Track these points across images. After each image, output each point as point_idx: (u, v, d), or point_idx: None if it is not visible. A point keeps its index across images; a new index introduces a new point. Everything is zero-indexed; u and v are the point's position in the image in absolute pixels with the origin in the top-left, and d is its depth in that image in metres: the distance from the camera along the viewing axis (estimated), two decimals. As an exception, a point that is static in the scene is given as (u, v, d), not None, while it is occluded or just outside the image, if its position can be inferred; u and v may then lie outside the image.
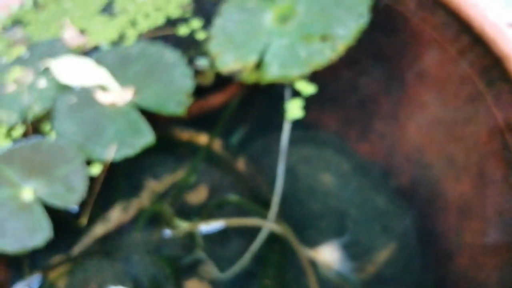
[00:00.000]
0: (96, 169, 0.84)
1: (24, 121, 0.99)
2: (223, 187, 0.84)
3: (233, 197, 0.79)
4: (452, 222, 0.74)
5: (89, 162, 0.86)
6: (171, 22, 1.07)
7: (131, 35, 1.07)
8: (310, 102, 0.86)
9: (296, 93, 0.85)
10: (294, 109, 0.81)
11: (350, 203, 0.80)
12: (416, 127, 0.83)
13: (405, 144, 0.83)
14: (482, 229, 0.70)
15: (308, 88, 0.81)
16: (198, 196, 0.82)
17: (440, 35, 0.86)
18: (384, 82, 0.89)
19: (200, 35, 1.00)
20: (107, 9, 1.19)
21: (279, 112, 0.85)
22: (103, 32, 1.11)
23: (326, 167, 0.84)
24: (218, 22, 0.99)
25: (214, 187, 0.83)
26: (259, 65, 0.87)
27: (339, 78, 0.89)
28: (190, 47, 1.00)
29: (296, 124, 0.85)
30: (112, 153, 0.84)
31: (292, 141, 0.84)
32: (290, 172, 0.82)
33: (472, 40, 0.80)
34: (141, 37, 1.07)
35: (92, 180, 0.84)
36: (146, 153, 0.86)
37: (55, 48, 1.13)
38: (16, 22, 1.30)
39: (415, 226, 0.76)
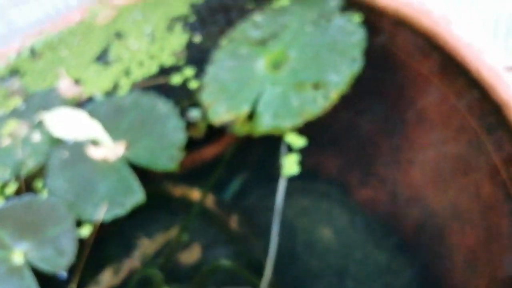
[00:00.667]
0: (86, 231, 0.81)
1: (17, 177, 0.97)
2: (217, 246, 0.80)
3: (225, 263, 0.76)
4: (459, 279, 0.69)
5: (79, 222, 0.83)
6: (165, 71, 1.06)
7: (125, 84, 1.06)
8: (307, 148, 0.83)
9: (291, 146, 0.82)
10: (289, 165, 0.78)
11: (351, 259, 0.75)
12: (418, 172, 0.80)
13: (407, 190, 0.79)
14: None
15: (298, 142, 0.78)
16: (191, 256, 0.79)
17: (437, 78, 0.82)
18: (382, 125, 0.86)
19: (193, 84, 0.98)
20: (102, 57, 1.19)
21: (274, 165, 0.82)
22: (98, 82, 1.10)
23: (325, 220, 0.80)
24: (211, 70, 0.97)
25: (207, 246, 0.80)
26: (251, 115, 0.85)
27: (336, 121, 0.86)
28: (183, 97, 0.98)
29: (294, 173, 0.82)
30: (102, 214, 0.81)
31: (289, 192, 0.81)
32: (287, 226, 0.79)
33: (469, 83, 0.77)
34: (134, 86, 1.05)
35: (82, 241, 0.81)
36: (139, 210, 0.84)
37: (50, 99, 1.12)
38: (14, 71, 1.30)
39: (418, 283, 0.71)
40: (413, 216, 0.76)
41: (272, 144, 0.83)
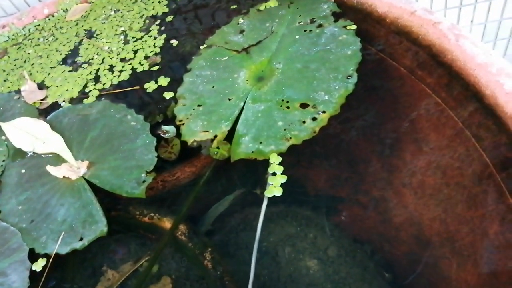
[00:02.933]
0: (40, 265, 0.71)
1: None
2: (189, 282, 0.71)
3: None
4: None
5: (33, 253, 0.73)
6: (137, 76, 0.95)
7: (93, 90, 0.95)
8: (293, 164, 0.73)
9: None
10: (273, 187, 0.68)
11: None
12: (412, 194, 0.71)
13: (401, 214, 0.70)
14: None
15: (279, 167, 0.69)
16: (161, 291, 0.70)
17: (442, 98, 0.73)
18: (375, 142, 0.76)
19: (167, 94, 0.88)
20: (71, 57, 1.07)
21: (255, 188, 0.73)
22: (64, 87, 0.99)
23: (311, 250, 0.71)
24: (187, 79, 0.87)
25: (179, 280, 0.71)
26: (230, 135, 0.75)
27: (326, 135, 0.76)
28: (156, 109, 0.88)
29: (278, 196, 0.72)
30: (57, 246, 0.71)
31: (273, 217, 0.72)
32: (270, 255, 0.70)
33: (480, 109, 0.68)
34: (103, 93, 0.95)
35: (35, 273, 0.71)
36: (104, 236, 0.74)
37: (11, 104, 1.01)
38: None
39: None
40: (407, 243, 0.67)
41: (253, 165, 0.74)
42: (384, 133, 0.76)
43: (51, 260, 0.72)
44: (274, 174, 0.69)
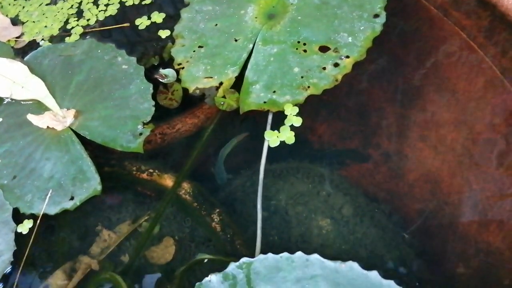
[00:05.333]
0: (26, 226, 0.64)
1: None
2: (195, 243, 0.65)
3: (207, 255, 0.61)
4: None
5: (17, 213, 0.65)
6: (126, 11, 0.84)
7: (76, 27, 0.84)
8: (302, 113, 0.65)
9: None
10: (286, 137, 0.60)
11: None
12: (432, 150, 0.64)
13: (416, 170, 0.63)
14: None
15: (297, 121, 0.61)
16: (163, 253, 0.64)
17: (478, 44, 0.64)
18: (395, 91, 0.69)
19: (163, 32, 0.77)
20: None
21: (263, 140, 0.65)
22: (41, 23, 0.87)
23: (324, 209, 0.65)
24: (185, 14, 0.76)
25: (182, 241, 0.64)
26: (238, 82, 0.66)
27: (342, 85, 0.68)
28: (150, 49, 0.77)
29: (289, 148, 0.66)
30: (44, 205, 0.63)
31: (283, 174, 0.66)
32: (279, 214, 0.64)
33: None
34: (88, 30, 0.83)
35: (23, 236, 0.64)
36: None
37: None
38: None
39: None
40: (424, 200, 0.62)
41: (264, 118, 0.65)
42: (404, 82, 0.68)
43: (38, 221, 0.64)
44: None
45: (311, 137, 0.68)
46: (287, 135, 0.62)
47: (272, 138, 0.62)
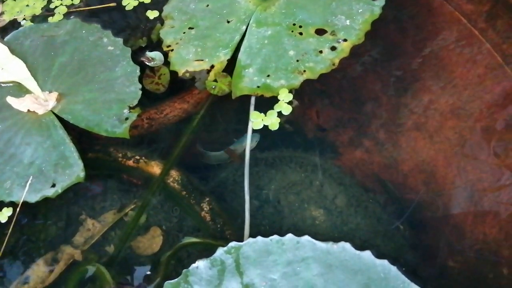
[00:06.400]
0: (5, 215, 0.61)
1: None
2: (183, 232, 0.62)
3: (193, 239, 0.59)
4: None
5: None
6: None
7: (60, 7, 0.80)
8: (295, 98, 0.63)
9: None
10: (271, 124, 0.58)
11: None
12: (427, 140, 0.63)
13: (410, 159, 0.62)
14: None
15: (287, 109, 0.59)
16: (150, 243, 0.61)
17: (479, 30, 0.62)
18: (391, 79, 0.67)
19: (151, 13, 0.74)
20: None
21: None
22: (22, 2, 0.83)
23: (317, 199, 0.63)
24: (175, -6, 0.72)
25: (170, 231, 0.62)
26: (231, 66, 0.63)
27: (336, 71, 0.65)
28: (137, 31, 0.74)
29: (282, 137, 0.65)
30: (24, 192, 0.60)
31: (275, 163, 0.64)
32: (271, 204, 0.62)
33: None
34: (72, 9, 0.79)
35: (1, 226, 0.61)
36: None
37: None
38: None
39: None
40: (417, 187, 0.61)
41: (260, 103, 0.63)
42: (400, 68, 0.65)
43: (18, 209, 0.61)
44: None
45: (305, 125, 0.66)
46: (271, 121, 0.60)
47: (257, 120, 0.59)
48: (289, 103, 0.60)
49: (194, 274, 0.50)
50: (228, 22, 0.66)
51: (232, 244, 0.51)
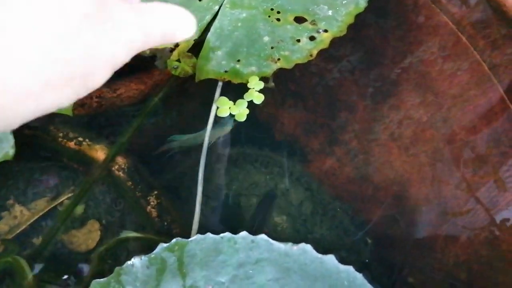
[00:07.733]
0: None
1: None
2: (125, 228, 0.55)
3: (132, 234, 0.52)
4: None
5: None
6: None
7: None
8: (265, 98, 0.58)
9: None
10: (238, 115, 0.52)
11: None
12: (401, 151, 0.59)
13: (382, 171, 0.58)
14: None
15: (258, 98, 0.53)
16: (85, 238, 0.54)
17: (468, 36, 0.59)
18: (367, 84, 0.63)
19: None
20: None
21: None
22: None
23: (282, 203, 0.58)
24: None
25: (110, 227, 0.55)
26: (198, 47, 0.57)
27: (308, 68, 0.60)
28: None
29: (248, 134, 0.59)
30: None
31: (239, 161, 0.59)
32: (231, 206, 0.57)
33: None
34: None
35: None
36: (9, 161, 0.54)
37: None
38: None
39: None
40: (386, 203, 0.58)
41: (226, 89, 0.57)
42: (379, 75, 0.61)
43: None
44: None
45: (274, 125, 0.60)
46: (240, 111, 0.54)
47: (223, 107, 0.53)
48: (260, 91, 0.54)
49: (128, 273, 0.43)
50: (200, 0, 0.59)
51: (176, 239, 0.44)
